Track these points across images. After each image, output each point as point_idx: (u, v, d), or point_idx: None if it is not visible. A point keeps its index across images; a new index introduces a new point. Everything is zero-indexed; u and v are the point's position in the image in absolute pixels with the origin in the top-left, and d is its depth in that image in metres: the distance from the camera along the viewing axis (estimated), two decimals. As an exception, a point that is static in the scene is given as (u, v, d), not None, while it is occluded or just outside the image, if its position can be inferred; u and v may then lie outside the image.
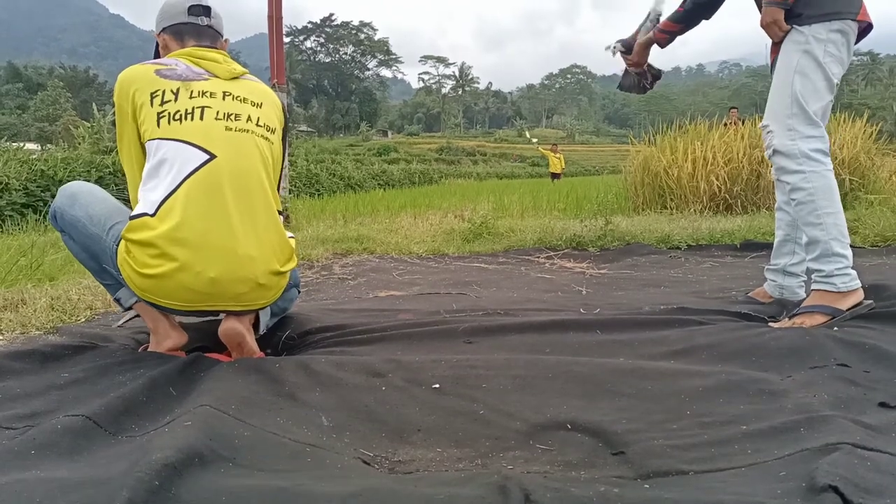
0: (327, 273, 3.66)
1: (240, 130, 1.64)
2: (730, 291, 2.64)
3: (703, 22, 2.29)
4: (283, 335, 1.93)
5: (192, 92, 1.63)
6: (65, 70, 74.04)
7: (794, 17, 1.96)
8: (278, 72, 5.57)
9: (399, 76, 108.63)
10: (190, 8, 1.80)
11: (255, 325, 1.80)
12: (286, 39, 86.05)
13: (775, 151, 1.99)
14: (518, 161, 51.02)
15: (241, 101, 1.68)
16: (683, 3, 2.28)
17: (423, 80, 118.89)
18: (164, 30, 1.83)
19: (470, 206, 8.00)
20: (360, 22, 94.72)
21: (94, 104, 13.91)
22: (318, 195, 14.50)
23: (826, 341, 1.66)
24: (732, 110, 10.86)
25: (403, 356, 1.65)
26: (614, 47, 2.51)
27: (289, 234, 1.77)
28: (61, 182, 7.83)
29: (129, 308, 1.78)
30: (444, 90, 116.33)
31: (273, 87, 5.62)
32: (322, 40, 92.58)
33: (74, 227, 1.70)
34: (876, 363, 1.52)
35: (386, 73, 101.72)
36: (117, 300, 1.79)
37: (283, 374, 1.47)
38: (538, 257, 4.14)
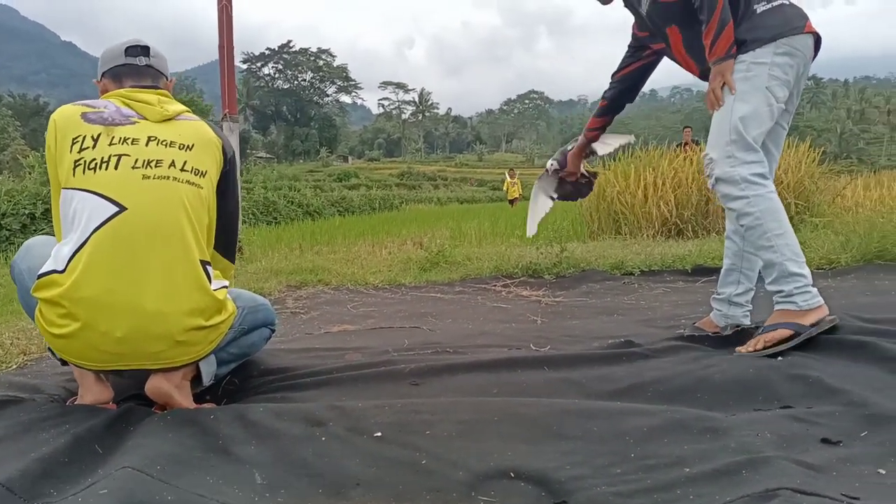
0: (279, 307, 3.57)
1: (159, 178, 1.55)
2: (680, 319, 2.66)
3: None
4: (224, 381, 1.85)
5: (112, 138, 1.56)
6: (14, 98, 71.89)
7: (739, 44, 1.95)
8: (230, 102, 5.50)
9: (359, 102, 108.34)
10: (127, 49, 1.75)
11: (199, 376, 1.72)
12: (243, 66, 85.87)
13: (717, 180, 1.98)
14: (477, 185, 51.64)
15: (166, 145, 1.60)
16: (604, 95, 2.41)
17: (383, 105, 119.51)
18: (103, 75, 1.77)
19: (429, 234, 7.99)
20: (319, 48, 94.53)
21: (44, 133, 13.53)
22: (276, 223, 14.32)
23: (770, 374, 1.66)
24: (686, 129, 11.21)
25: (346, 402, 1.59)
26: (550, 164, 2.62)
27: (220, 283, 1.67)
28: (4, 216, 7.56)
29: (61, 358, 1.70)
30: (404, 115, 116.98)
31: (224, 117, 5.54)
32: (280, 67, 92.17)
33: (18, 280, 1.72)
34: (818, 397, 1.52)
35: (345, 98, 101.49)
36: (49, 349, 1.74)
37: (217, 427, 1.41)
38: (495, 286, 4.13)
